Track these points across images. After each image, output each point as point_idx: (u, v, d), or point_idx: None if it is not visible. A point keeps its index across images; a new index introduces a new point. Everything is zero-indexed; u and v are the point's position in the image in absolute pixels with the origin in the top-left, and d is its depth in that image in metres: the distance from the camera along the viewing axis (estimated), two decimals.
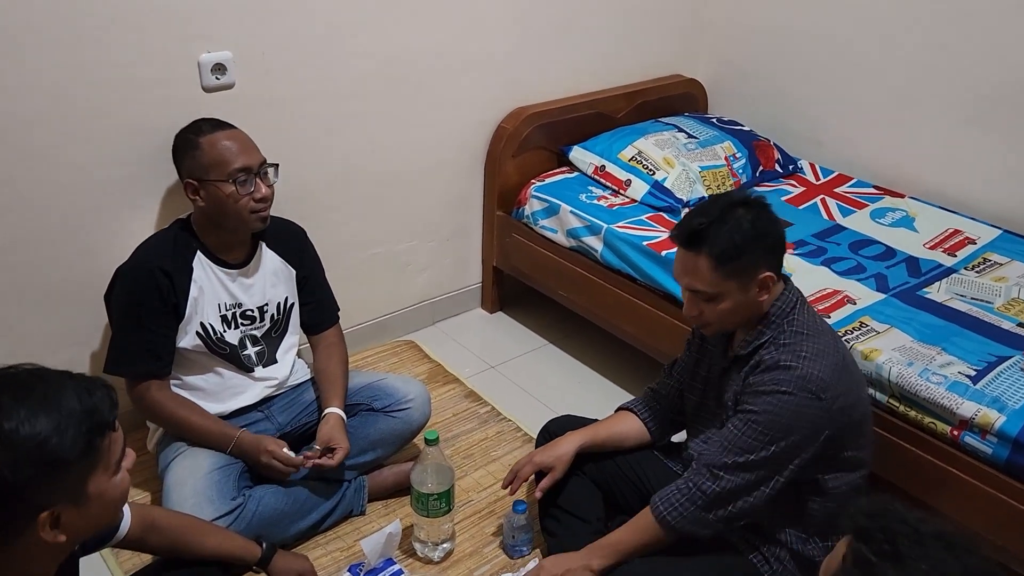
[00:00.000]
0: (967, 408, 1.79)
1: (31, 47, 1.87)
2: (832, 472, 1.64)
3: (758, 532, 1.71)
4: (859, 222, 2.64)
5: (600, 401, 2.51)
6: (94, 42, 1.94)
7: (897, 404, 1.92)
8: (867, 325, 2.07)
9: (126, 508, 1.49)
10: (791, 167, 2.99)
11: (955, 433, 1.82)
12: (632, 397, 2.35)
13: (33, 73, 1.89)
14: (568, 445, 1.90)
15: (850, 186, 2.87)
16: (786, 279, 1.70)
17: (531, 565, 1.89)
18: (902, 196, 2.78)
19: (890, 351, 1.96)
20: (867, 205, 2.74)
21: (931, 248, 2.48)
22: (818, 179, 2.94)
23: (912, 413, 1.89)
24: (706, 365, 1.82)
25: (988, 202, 2.67)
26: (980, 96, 2.61)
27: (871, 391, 1.94)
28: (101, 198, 2.10)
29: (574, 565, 1.73)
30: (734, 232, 1.58)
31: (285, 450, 1.95)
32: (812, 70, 3.02)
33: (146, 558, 1.79)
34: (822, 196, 2.80)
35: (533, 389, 2.64)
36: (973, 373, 1.88)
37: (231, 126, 1.97)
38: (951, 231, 2.57)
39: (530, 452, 1.96)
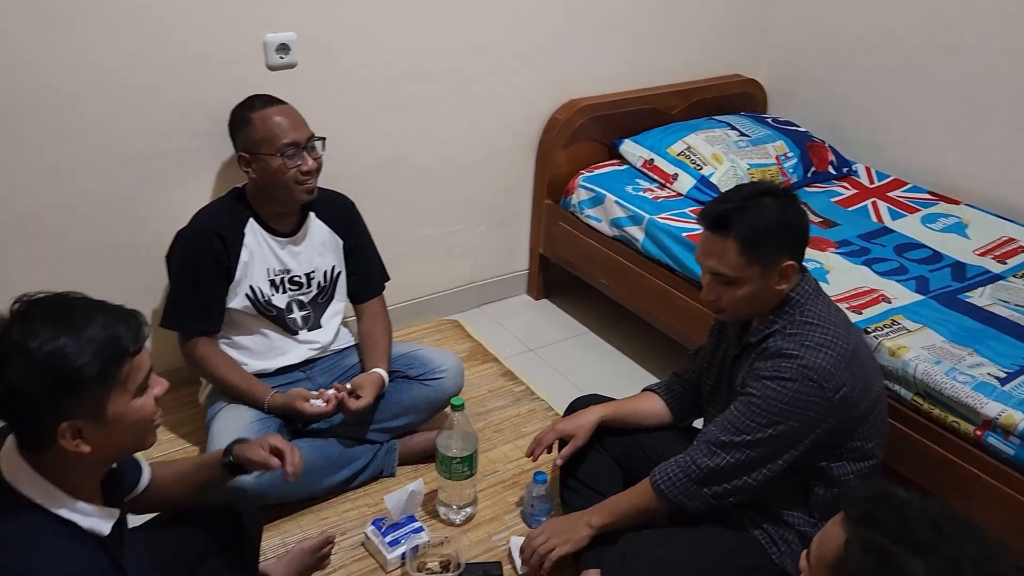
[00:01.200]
0: (991, 408, 1.78)
1: (113, 26, 2.03)
2: (837, 461, 1.65)
3: (766, 512, 1.73)
4: (908, 226, 2.61)
5: (634, 389, 2.55)
6: (170, 21, 2.10)
7: (921, 402, 1.91)
8: (899, 323, 2.07)
9: (144, 463, 1.53)
10: (845, 169, 2.97)
11: (978, 433, 1.81)
12: None
13: (111, 48, 2.05)
14: (590, 416, 1.97)
15: (904, 191, 2.84)
16: (804, 270, 1.72)
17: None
18: (957, 203, 2.74)
19: (918, 349, 1.95)
20: (919, 210, 2.70)
21: (981, 255, 2.45)
22: (872, 183, 2.91)
23: (936, 411, 1.88)
24: (723, 350, 1.86)
25: None
26: None
27: (895, 387, 1.95)
28: (168, 167, 2.25)
29: (572, 521, 1.82)
30: (761, 219, 1.61)
31: (313, 401, 2.04)
32: (876, 76, 3.00)
33: None
34: (873, 199, 2.78)
35: (569, 373, 2.69)
36: (1003, 375, 1.87)
37: (282, 102, 2.09)
38: (1005, 239, 2.53)
39: (554, 421, 2.03)
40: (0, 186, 2.05)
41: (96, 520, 1.24)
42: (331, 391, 2.04)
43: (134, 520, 1.44)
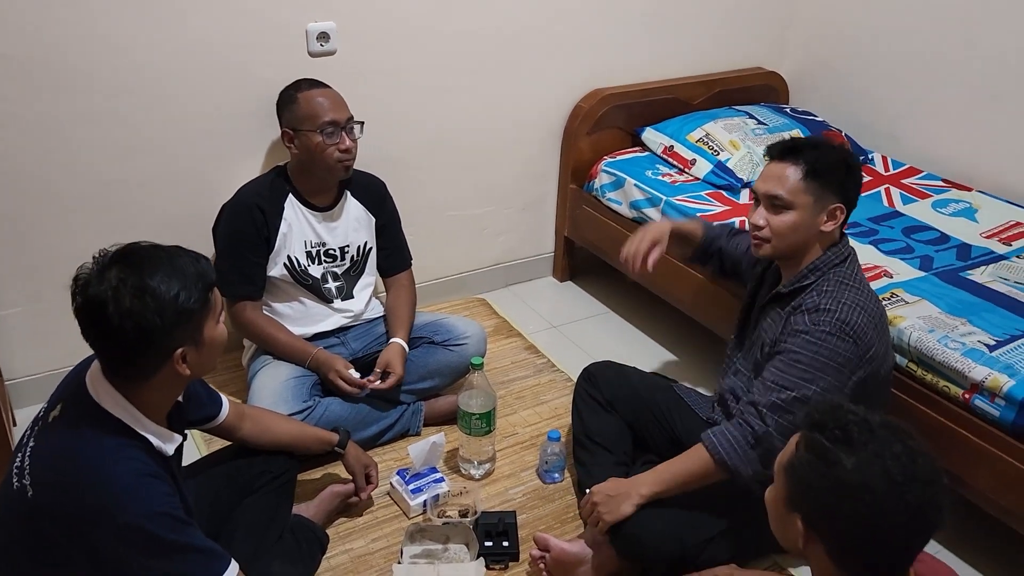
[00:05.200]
0: (979, 372, 1.88)
1: (177, 14, 2.23)
2: None
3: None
4: (919, 210, 2.70)
5: (650, 362, 2.70)
6: (223, 11, 2.29)
7: (915, 368, 2.02)
8: (898, 296, 2.17)
9: (224, 399, 1.80)
10: (861, 158, 3.05)
11: (966, 396, 1.91)
12: (678, 361, 2.68)
13: (173, 36, 2.25)
14: (664, 224, 2.21)
15: (918, 178, 2.92)
16: (844, 235, 1.86)
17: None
18: (969, 189, 2.82)
19: (914, 318, 2.05)
20: (931, 196, 2.79)
21: (987, 237, 2.53)
22: (888, 170, 3.00)
23: (928, 377, 1.99)
24: (754, 295, 2.01)
25: None
26: None
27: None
28: (217, 145, 2.45)
29: (624, 489, 1.84)
30: (829, 155, 1.82)
31: (352, 371, 2.22)
32: (894, 69, 3.09)
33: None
34: (887, 186, 2.88)
35: (589, 348, 2.83)
36: (992, 343, 1.96)
37: (326, 85, 2.27)
38: (1013, 223, 2.60)
39: (636, 233, 2.19)
40: (69, 160, 2.26)
41: (164, 441, 1.45)
42: (365, 379, 2.22)
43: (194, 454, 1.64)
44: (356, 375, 2.23)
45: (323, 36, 2.45)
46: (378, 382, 2.23)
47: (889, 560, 1.10)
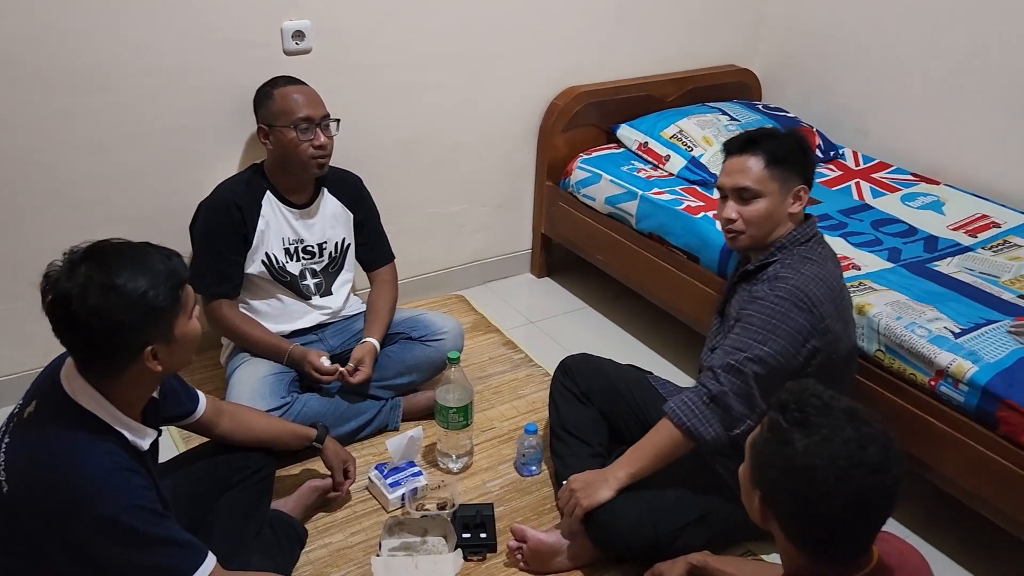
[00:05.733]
0: (944, 358, 1.93)
1: (147, 10, 2.23)
2: None
3: (735, 449, 1.88)
4: (888, 204, 2.76)
5: (626, 355, 2.71)
6: (200, 6, 2.29)
7: (883, 357, 2.06)
8: (866, 285, 2.21)
9: (202, 396, 1.80)
10: (832, 153, 3.11)
11: (932, 383, 1.96)
12: (658, 357, 2.76)
13: (146, 32, 2.26)
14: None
15: (888, 172, 2.98)
16: (808, 216, 1.93)
17: None
18: (937, 183, 2.87)
19: (882, 305, 2.10)
20: (900, 190, 2.84)
21: (954, 230, 2.58)
22: (858, 165, 3.05)
23: (896, 364, 2.03)
24: (730, 280, 2.08)
25: (1021, 190, 2.74)
26: (1017, 86, 2.69)
27: (861, 344, 2.09)
28: (193, 143, 2.45)
29: (601, 476, 1.88)
30: (785, 142, 1.90)
31: (323, 359, 2.24)
32: (863, 66, 3.14)
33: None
34: (857, 180, 2.93)
35: (566, 343, 2.86)
36: (958, 330, 2.01)
37: (302, 82, 2.29)
38: (979, 216, 2.66)
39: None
40: (42, 157, 2.26)
41: (138, 436, 1.46)
42: (335, 365, 2.24)
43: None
44: (327, 363, 2.24)
45: (298, 34, 2.47)
46: (348, 376, 2.24)
47: (837, 540, 1.14)
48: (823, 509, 1.10)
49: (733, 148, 1.92)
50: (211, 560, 1.47)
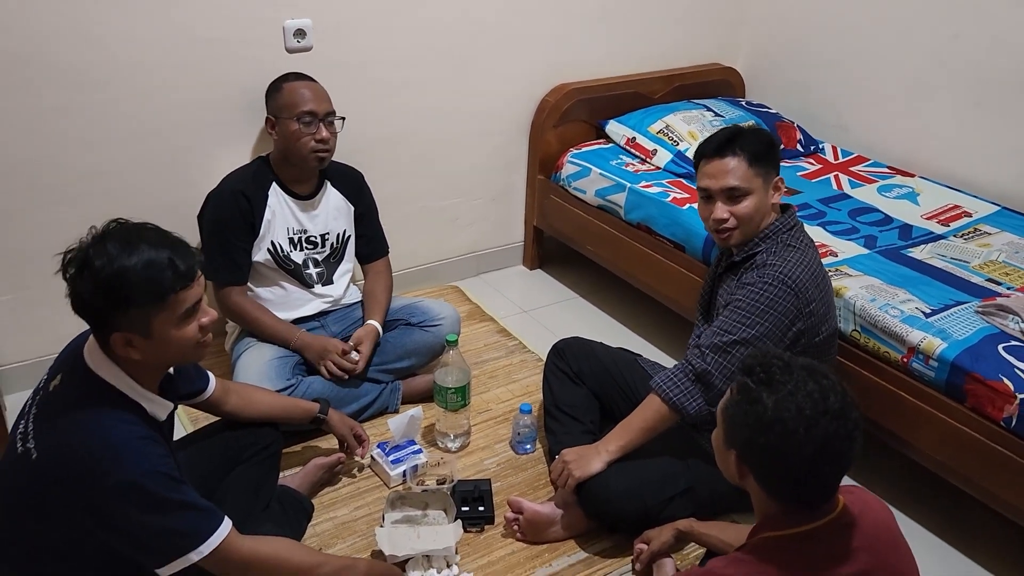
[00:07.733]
0: (915, 336, 2.04)
1: (158, 8, 2.33)
2: None
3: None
4: (865, 194, 2.88)
5: (616, 341, 2.80)
6: (205, 5, 2.39)
7: (859, 336, 2.18)
8: (842, 271, 2.33)
9: (211, 376, 1.89)
10: (812, 148, 3.23)
11: (905, 360, 2.07)
12: (645, 342, 2.82)
13: (156, 30, 2.35)
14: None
15: (865, 166, 3.10)
16: (788, 206, 2.03)
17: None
18: (912, 176, 3.00)
19: (857, 288, 2.21)
20: (877, 181, 2.97)
21: (927, 219, 2.71)
22: (837, 159, 3.17)
23: (871, 343, 2.15)
24: (712, 270, 2.18)
25: (991, 182, 2.87)
26: (985, 81, 2.82)
27: (839, 324, 2.20)
28: (199, 137, 2.55)
29: (593, 449, 1.98)
30: (758, 139, 1.98)
31: (350, 353, 2.35)
32: (841, 64, 3.27)
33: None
34: (836, 173, 3.05)
35: (558, 330, 2.94)
36: (928, 311, 2.12)
37: (311, 79, 2.39)
38: (951, 206, 2.78)
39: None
40: (59, 151, 2.35)
41: (156, 407, 1.55)
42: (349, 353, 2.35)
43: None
44: (356, 355, 2.36)
45: (299, 33, 2.56)
46: (354, 354, 2.35)
47: (809, 485, 1.25)
48: (794, 458, 1.21)
49: (709, 151, 1.98)
50: (227, 524, 1.55)
